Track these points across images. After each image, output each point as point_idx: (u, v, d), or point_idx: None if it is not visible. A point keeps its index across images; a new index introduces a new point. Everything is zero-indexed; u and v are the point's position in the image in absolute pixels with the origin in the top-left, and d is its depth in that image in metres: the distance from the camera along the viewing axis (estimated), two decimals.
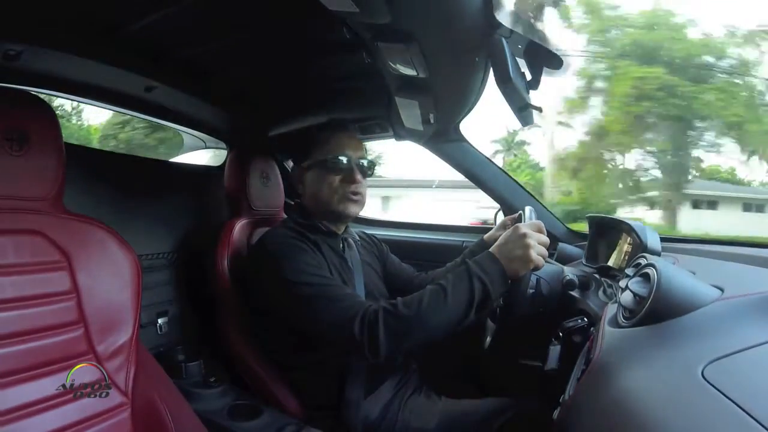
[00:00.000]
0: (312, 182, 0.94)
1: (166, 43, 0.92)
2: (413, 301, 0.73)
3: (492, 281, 0.72)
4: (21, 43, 0.78)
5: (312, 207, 0.95)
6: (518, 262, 0.73)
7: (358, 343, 0.72)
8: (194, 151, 1.54)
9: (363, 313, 0.74)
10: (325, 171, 0.92)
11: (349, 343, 0.74)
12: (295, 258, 0.81)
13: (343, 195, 0.92)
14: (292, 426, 0.82)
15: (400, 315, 0.72)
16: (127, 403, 0.66)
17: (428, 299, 0.72)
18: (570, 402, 0.60)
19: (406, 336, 0.73)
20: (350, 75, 1.05)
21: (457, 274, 0.74)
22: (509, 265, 0.73)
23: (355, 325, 0.73)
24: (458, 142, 1.40)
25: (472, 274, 0.72)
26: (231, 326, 0.96)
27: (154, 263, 1.09)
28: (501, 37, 0.66)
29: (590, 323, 0.85)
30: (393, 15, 0.56)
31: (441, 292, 0.72)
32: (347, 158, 0.92)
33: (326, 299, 0.77)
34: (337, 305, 0.76)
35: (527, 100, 0.74)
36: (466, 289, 0.72)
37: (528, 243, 0.73)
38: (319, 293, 0.78)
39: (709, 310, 0.50)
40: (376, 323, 0.72)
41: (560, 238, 1.39)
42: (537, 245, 0.73)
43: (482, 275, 0.72)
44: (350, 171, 0.92)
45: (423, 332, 0.73)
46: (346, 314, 0.74)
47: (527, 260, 0.73)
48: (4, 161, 0.58)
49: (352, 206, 0.93)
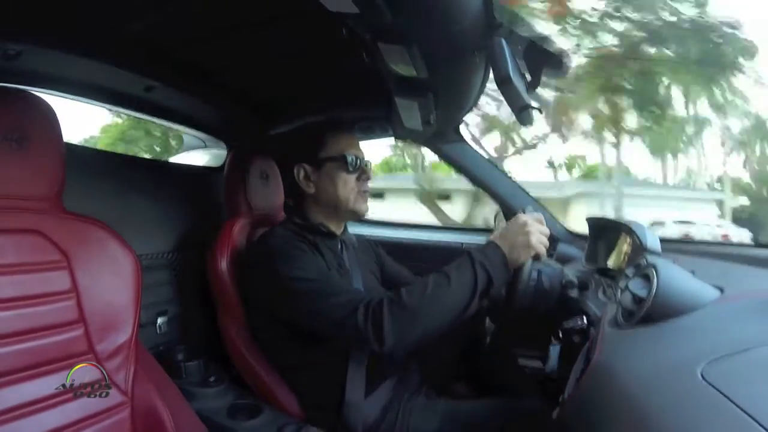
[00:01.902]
0: (326, 180, 0.93)
1: (166, 43, 0.92)
2: (417, 289, 0.74)
3: (494, 268, 0.73)
4: (21, 43, 0.78)
5: (323, 205, 0.95)
6: (520, 249, 0.74)
7: (362, 333, 0.73)
8: (194, 151, 1.54)
9: (366, 303, 0.74)
10: (341, 169, 0.92)
11: (353, 332, 0.74)
12: (294, 256, 0.82)
13: (358, 193, 0.93)
14: (292, 425, 0.82)
15: (404, 303, 0.72)
16: (126, 403, 0.66)
17: (432, 287, 0.73)
18: (569, 402, 0.60)
19: (412, 324, 0.73)
20: (350, 75, 1.05)
21: (459, 262, 0.75)
22: (511, 253, 0.74)
23: (358, 315, 0.73)
24: (458, 142, 1.40)
25: (475, 261, 0.73)
26: (231, 325, 0.96)
27: (153, 263, 1.09)
28: (501, 37, 0.66)
29: (590, 323, 0.85)
30: (393, 15, 0.56)
31: (444, 280, 0.73)
32: (359, 157, 0.93)
33: (328, 293, 0.77)
34: (340, 298, 0.76)
35: (527, 101, 0.74)
36: (469, 276, 0.72)
37: (529, 230, 0.75)
38: (320, 288, 0.78)
39: (708, 311, 0.50)
40: (381, 312, 0.72)
41: (560, 239, 1.39)
42: (538, 233, 0.75)
43: (485, 262, 0.73)
44: (364, 169, 0.94)
45: (428, 320, 0.73)
46: (349, 305, 0.75)
47: (528, 246, 0.74)
48: (4, 161, 0.58)
49: (366, 204, 0.95)
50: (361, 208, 0.94)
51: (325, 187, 0.93)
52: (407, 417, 0.88)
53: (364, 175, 0.94)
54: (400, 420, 0.88)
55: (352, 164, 0.92)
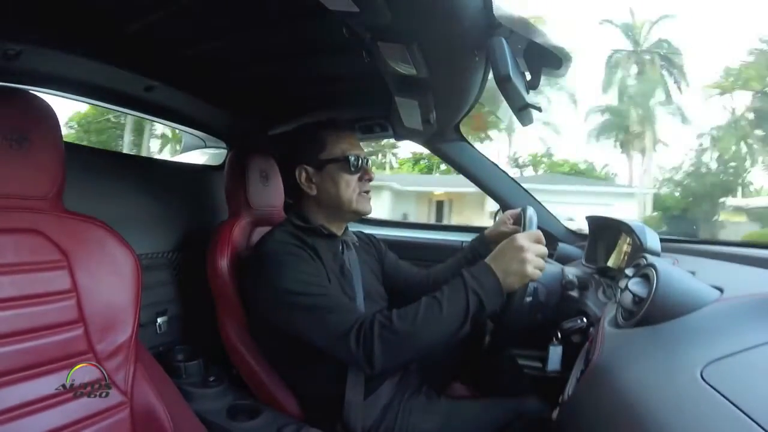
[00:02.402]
0: (328, 181, 0.92)
1: (166, 43, 0.92)
2: (408, 314, 0.74)
3: (487, 294, 0.72)
4: (21, 43, 0.78)
5: (325, 206, 0.94)
6: (514, 277, 0.73)
7: (354, 357, 0.74)
8: (194, 151, 1.54)
9: (359, 326, 0.75)
10: (343, 170, 0.92)
11: (345, 355, 0.75)
12: (293, 266, 0.81)
13: (361, 193, 0.93)
14: (292, 426, 0.82)
15: (395, 329, 0.73)
16: (126, 403, 0.66)
17: (423, 312, 0.73)
18: (569, 402, 0.60)
19: (401, 349, 0.74)
20: (350, 75, 1.05)
21: (452, 286, 0.74)
22: (505, 279, 0.73)
23: (350, 339, 0.74)
24: (457, 141, 1.40)
25: (468, 287, 0.73)
26: (230, 325, 0.96)
27: (153, 262, 1.09)
28: (501, 37, 0.66)
29: (589, 324, 0.85)
30: (393, 15, 0.56)
31: (436, 305, 0.73)
32: (360, 156, 0.93)
33: (322, 309, 0.77)
34: (334, 317, 0.77)
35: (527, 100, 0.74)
36: (461, 302, 0.72)
37: (525, 257, 0.72)
38: (315, 303, 0.78)
39: (708, 311, 0.50)
40: (371, 337, 0.73)
41: (560, 238, 1.39)
42: (534, 258, 0.73)
43: (477, 289, 0.72)
44: (366, 169, 0.94)
45: (418, 345, 0.74)
46: (342, 327, 0.75)
47: (524, 275, 0.73)
48: (4, 160, 0.58)
49: (368, 203, 0.95)
50: (363, 208, 0.94)
51: (327, 189, 0.93)
52: (407, 417, 0.88)
53: (366, 176, 0.94)
54: (400, 420, 0.88)
55: (354, 165, 0.91)
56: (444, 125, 1.25)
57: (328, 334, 0.76)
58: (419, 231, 1.71)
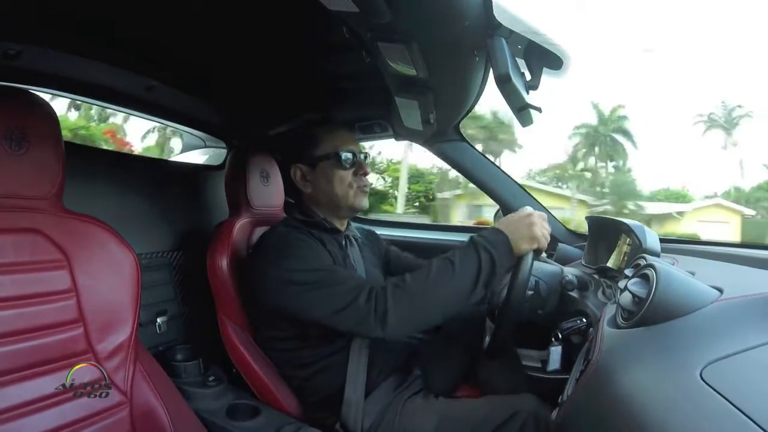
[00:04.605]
0: (322, 179, 0.93)
1: (166, 43, 0.92)
2: (420, 274, 0.74)
3: (499, 252, 0.73)
4: (21, 43, 0.78)
5: (322, 203, 0.95)
6: (523, 239, 0.74)
7: (364, 315, 0.73)
8: (194, 151, 1.54)
9: (370, 288, 0.75)
10: (336, 166, 0.92)
11: (355, 314, 0.74)
12: (298, 248, 0.82)
13: (357, 188, 0.93)
14: (291, 426, 0.82)
15: (407, 287, 0.73)
16: (125, 402, 0.66)
17: (436, 271, 0.73)
18: (569, 402, 0.60)
19: (414, 308, 0.73)
20: (350, 75, 1.05)
21: (463, 247, 0.75)
22: (515, 240, 0.74)
23: (361, 298, 0.73)
24: (457, 141, 1.40)
25: (479, 246, 0.73)
26: (230, 325, 0.96)
27: (153, 262, 1.09)
28: (501, 37, 0.66)
29: (589, 324, 0.85)
30: (393, 15, 0.56)
31: (449, 264, 0.73)
32: (353, 152, 0.93)
33: (330, 283, 0.77)
34: (343, 286, 0.77)
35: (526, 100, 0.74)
36: (473, 261, 0.72)
37: (533, 221, 0.74)
38: (323, 278, 0.78)
39: (708, 312, 0.50)
40: (384, 295, 0.73)
41: (560, 239, 1.38)
42: (542, 222, 0.75)
43: (489, 247, 0.73)
44: (361, 164, 0.94)
45: (431, 304, 0.73)
46: (352, 292, 0.75)
47: (532, 237, 0.74)
48: (3, 160, 0.58)
49: (365, 199, 0.95)
50: (359, 203, 0.94)
51: (321, 186, 0.93)
52: (407, 417, 0.88)
53: (362, 171, 0.94)
54: (399, 420, 0.88)
55: (347, 161, 0.92)
56: (444, 125, 1.25)
57: (337, 302, 0.75)
58: (420, 231, 1.71)
